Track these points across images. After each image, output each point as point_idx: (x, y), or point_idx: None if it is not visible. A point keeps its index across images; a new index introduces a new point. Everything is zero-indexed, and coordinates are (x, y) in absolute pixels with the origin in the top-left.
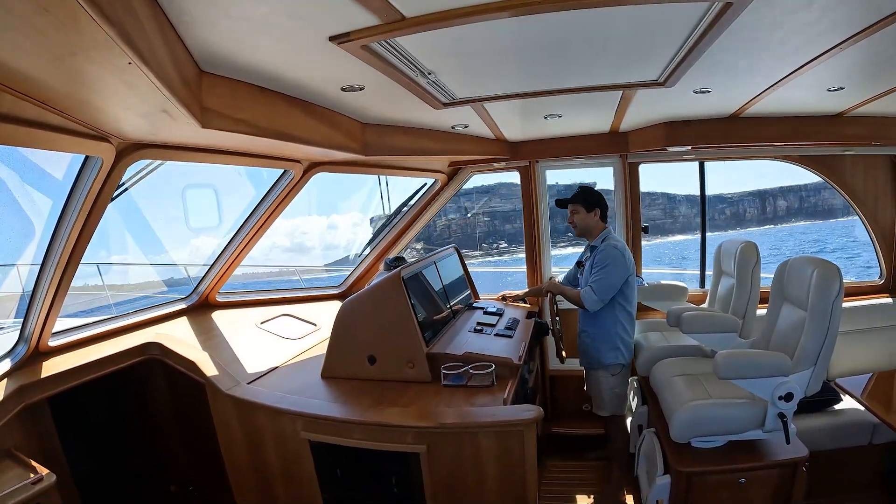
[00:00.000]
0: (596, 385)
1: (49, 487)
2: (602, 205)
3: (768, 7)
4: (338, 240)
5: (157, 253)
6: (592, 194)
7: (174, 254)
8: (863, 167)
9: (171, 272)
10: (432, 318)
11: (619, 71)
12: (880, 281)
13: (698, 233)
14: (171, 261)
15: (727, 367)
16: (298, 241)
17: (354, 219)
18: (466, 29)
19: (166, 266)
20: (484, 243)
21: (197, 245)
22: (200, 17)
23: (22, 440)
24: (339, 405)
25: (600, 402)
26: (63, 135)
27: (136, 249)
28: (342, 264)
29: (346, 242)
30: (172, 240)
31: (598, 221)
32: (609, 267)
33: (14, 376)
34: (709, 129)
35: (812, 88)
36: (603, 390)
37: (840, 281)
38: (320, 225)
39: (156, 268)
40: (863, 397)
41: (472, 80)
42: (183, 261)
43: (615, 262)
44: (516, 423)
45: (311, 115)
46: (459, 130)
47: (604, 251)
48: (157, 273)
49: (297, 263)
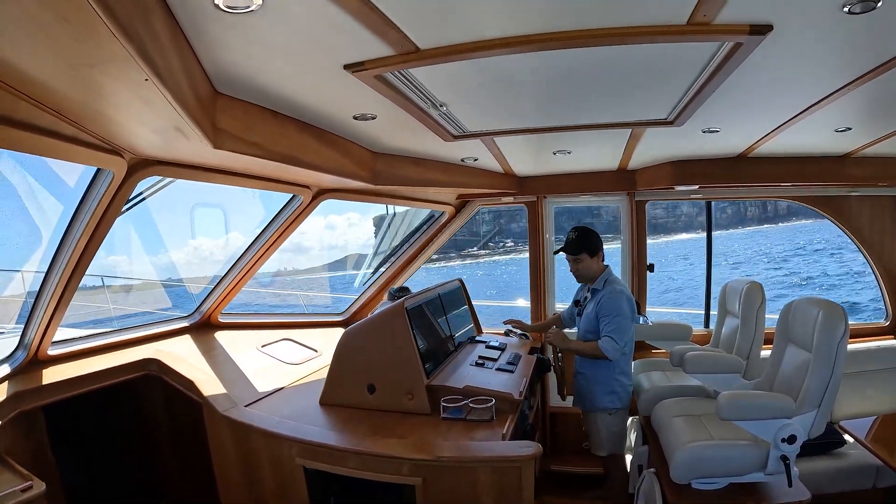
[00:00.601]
0: (593, 425)
1: (38, 496)
2: (598, 246)
3: (777, 48)
4: (336, 239)
5: (164, 264)
6: (594, 239)
7: (178, 264)
8: (868, 208)
9: (168, 271)
10: (434, 350)
11: (629, 109)
12: (886, 323)
13: (701, 232)
14: (176, 273)
15: (730, 408)
16: (296, 240)
17: (352, 218)
18: (480, 63)
19: (173, 285)
20: (490, 242)
21: (201, 258)
22: (218, 39)
23: (14, 446)
24: (336, 433)
25: (598, 441)
26: (76, 146)
27: (144, 259)
28: (341, 267)
29: (344, 242)
30: (177, 253)
31: (600, 265)
32: (623, 314)
33: (11, 382)
34: (716, 169)
35: (819, 129)
36: (600, 430)
37: (845, 322)
38: (318, 224)
39: (161, 282)
40: (867, 440)
41: (483, 113)
42: (186, 273)
43: (627, 308)
44: (515, 459)
45: (322, 142)
46: (469, 163)
47: (611, 298)
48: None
49: (295, 265)
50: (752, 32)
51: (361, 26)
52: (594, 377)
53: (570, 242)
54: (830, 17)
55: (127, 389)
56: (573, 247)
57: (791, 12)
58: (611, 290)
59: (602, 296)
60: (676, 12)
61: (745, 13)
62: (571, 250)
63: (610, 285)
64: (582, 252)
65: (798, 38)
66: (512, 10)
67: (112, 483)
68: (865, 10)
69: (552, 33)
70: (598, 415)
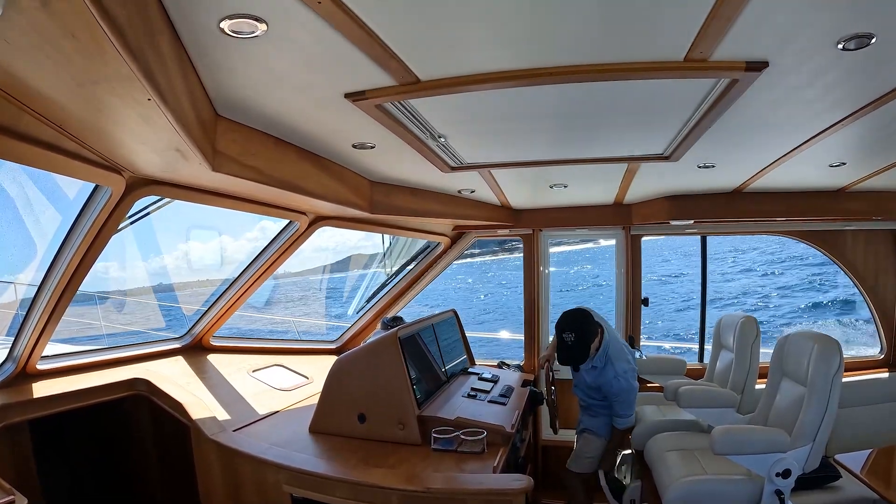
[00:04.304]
0: (584, 445)
1: None
2: (595, 333)
3: (772, 85)
4: (324, 242)
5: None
6: (592, 324)
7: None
8: (864, 242)
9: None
10: (426, 380)
11: (626, 144)
12: (880, 356)
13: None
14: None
15: (724, 443)
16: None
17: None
18: (479, 95)
19: (167, 305)
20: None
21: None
22: (222, 62)
23: None
24: (325, 461)
25: (574, 456)
26: (76, 161)
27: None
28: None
29: (335, 245)
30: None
31: (600, 340)
32: (630, 384)
33: None
34: (712, 204)
35: (814, 164)
36: (592, 450)
37: (840, 356)
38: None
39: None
40: (862, 473)
41: (481, 146)
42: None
43: (635, 382)
44: (505, 493)
45: (321, 169)
46: (466, 195)
47: (615, 372)
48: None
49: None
50: (748, 69)
51: (364, 56)
52: (598, 433)
53: (573, 351)
54: (825, 54)
55: (115, 408)
56: (580, 352)
57: (786, 49)
58: (614, 373)
59: (606, 363)
60: (673, 49)
61: (741, 50)
62: (581, 358)
63: (611, 363)
64: (589, 351)
65: (793, 75)
66: (512, 44)
67: (96, 501)
68: (860, 46)
69: (551, 68)
70: (595, 439)
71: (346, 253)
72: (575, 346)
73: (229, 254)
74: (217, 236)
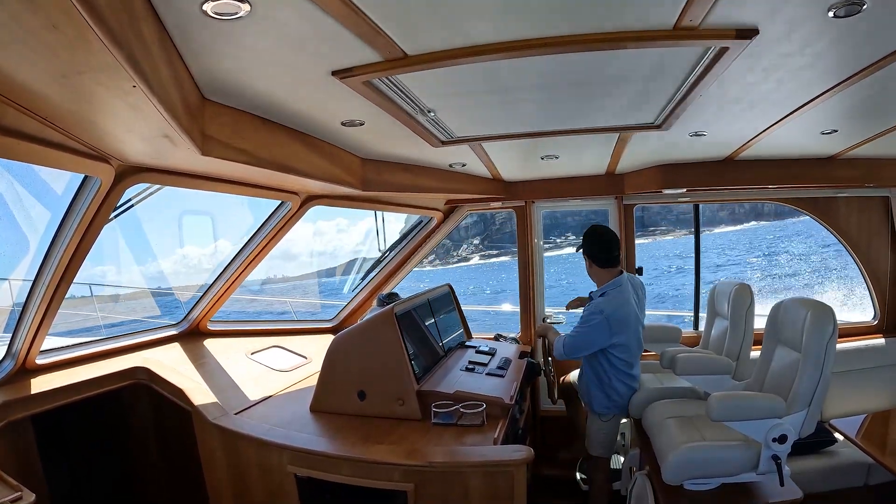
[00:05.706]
0: (589, 424)
1: None
2: (593, 252)
3: (763, 52)
4: (325, 245)
5: (154, 272)
6: (593, 244)
7: (167, 272)
8: (856, 209)
9: (158, 281)
10: (424, 355)
11: (616, 113)
12: (874, 322)
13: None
14: (166, 282)
15: (721, 409)
16: (284, 247)
17: (341, 224)
18: (467, 69)
19: (162, 294)
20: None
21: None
22: (207, 46)
23: (2, 457)
24: (327, 440)
25: (589, 440)
26: (63, 153)
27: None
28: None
29: (333, 248)
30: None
31: (597, 270)
32: (590, 327)
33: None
34: (704, 172)
35: (806, 132)
36: (592, 431)
37: (834, 322)
38: (306, 231)
39: (149, 288)
40: (857, 438)
41: (470, 119)
42: (176, 282)
43: (596, 327)
44: (507, 464)
45: (311, 149)
46: (457, 169)
47: (590, 310)
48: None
49: (285, 272)
50: (738, 36)
51: (349, 33)
52: (592, 381)
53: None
54: (816, 21)
55: (116, 398)
56: (582, 245)
57: (776, 16)
58: (596, 304)
59: (590, 304)
60: (663, 17)
61: (731, 17)
62: (581, 248)
63: (602, 298)
64: (584, 253)
65: (784, 42)
66: (498, 15)
67: (101, 493)
68: (850, 13)
69: (538, 38)
70: (592, 417)
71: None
72: (583, 237)
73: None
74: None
